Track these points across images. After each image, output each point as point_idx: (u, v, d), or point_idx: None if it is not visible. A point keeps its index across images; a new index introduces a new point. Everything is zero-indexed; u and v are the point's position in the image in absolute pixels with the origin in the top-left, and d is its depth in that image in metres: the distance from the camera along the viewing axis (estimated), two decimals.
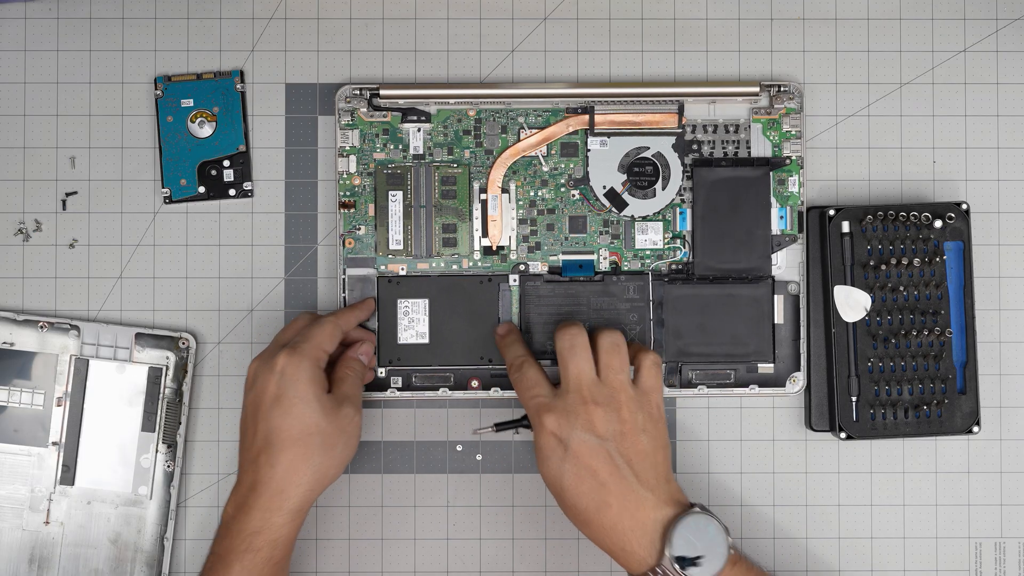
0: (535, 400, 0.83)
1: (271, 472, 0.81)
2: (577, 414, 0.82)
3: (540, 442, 0.83)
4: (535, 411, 0.83)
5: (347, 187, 0.91)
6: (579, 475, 0.81)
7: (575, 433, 0.82)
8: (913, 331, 0.88)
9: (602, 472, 0.81)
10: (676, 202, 0.91)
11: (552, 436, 0.82)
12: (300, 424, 0.82)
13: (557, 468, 0.82)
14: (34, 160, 0.92)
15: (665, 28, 0.93)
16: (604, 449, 0.81)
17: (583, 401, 0.82)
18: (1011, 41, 0.93)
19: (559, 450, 0.82)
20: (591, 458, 0.81)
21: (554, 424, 0.82)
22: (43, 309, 0.91)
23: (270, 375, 0.82)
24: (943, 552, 0.92)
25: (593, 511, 0.81)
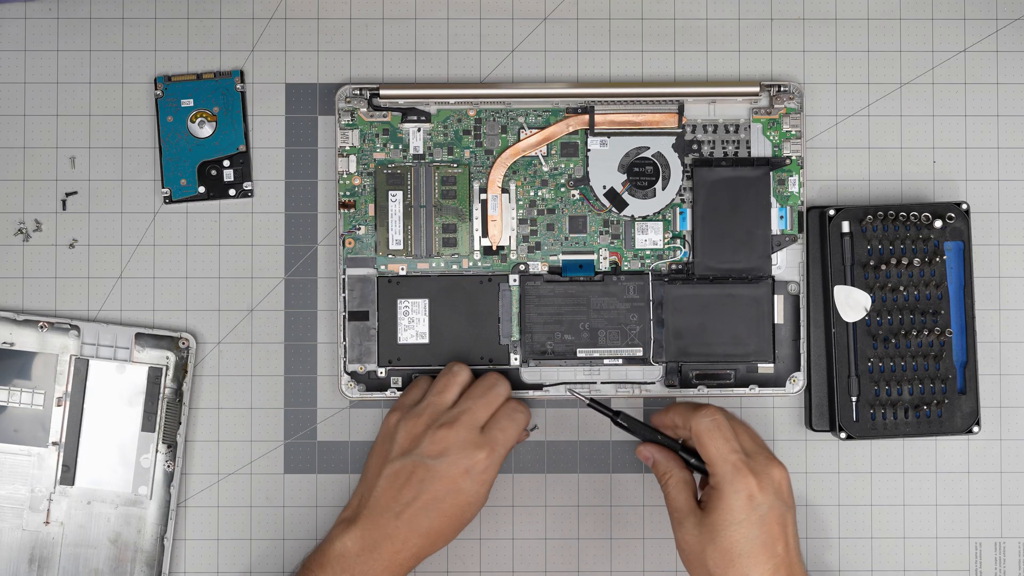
0: (737, 455, 0.81)
1: (417, 539, 0.83)
2: (771, 475, 0.80)
3: (734, 503, 0.79)
4: (736, 469, 0.80)
5: (347, 187, 0.91)
6: (765, 543, 0.79)
7: (770, 496, 0.80)
8: (913, 331, 0.88)
9: (781, 541, 0.80)
10: (676, 202, 0.91)
11: (751, 499, 0.79)
12: (462, 517, 0.84)
13: (745, 534, 0.79)
14: (34, 160, 0.92)
15: (665, 28, 0.93)
16: (789, 516, 0.81)
17: (768, 461, 0.81)
18: (1011, 41, 0.93)
19: (754, 515, 0.79)
20: (777, 525, 0.80)
21: (755, 486, 0.80)
22: (43, 309, 0.91)
23: (463, 463, 0.83)
24: (943, 552, 0.92)
25: (767, 568, 0.79)
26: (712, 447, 0.81)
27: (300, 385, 0.92)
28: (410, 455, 0.84)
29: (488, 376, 0.88)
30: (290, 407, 0.92)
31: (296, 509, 0.92)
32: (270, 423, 0.92)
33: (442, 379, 0.87)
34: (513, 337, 0.91)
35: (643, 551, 0.92)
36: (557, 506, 0.92)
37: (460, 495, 0.83)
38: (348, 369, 0.91)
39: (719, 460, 0.81)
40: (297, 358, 0.92)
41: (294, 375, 0.92)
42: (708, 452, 0.81)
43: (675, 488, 0.83)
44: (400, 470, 0.84)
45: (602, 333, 0.91)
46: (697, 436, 0.82)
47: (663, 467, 0.85)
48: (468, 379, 0.87)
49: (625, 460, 0.92)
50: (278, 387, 0.92)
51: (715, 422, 0.82)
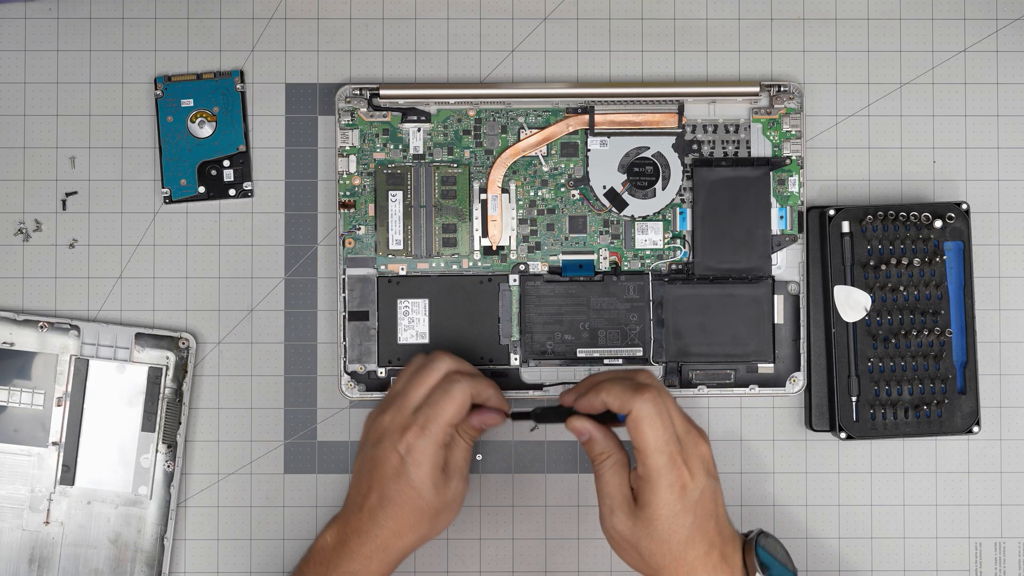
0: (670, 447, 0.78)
1: (378, 530, 0.82)
2: (699, 456, 0.79)
3: (669, 497, 0.78)
4: (670, 462, 0.78)
5: (347, 187, 0.91)
6: (701, 525, 0.79)
7: (701, 479, 0.79)
8: (913, 331, 0.88)
9: (714, 516, 0.80)
10: (676, 202, 0.91)
11: (684, 489, 0.78)
12: (413, 503, 0.82)
13: (684, 524, 0.78)
14: (34, 160, 0.92)
15: (665, 28, 0.93)
16: (718, 490, 0.80)
17: (697, 441, 0.80)
18: (1011, 41, 0.93)
19: (689, 503, 0.78)
20: (710, 503, 0.79)
21: (687, 475, 0.79)
22: (43, 309, 0.91)
23: (394, 448, 0.82)
24: (943, 552, 0.92)
25: (701, 557, 0.79)
26: (651, 436, 0.78)
27: (300, 385, 0.92)
28: (363, 448, 0.84)
29: (429, 354, 0.86)
30: (290, 407, 0.92)
31: (296, 509, 0.92)
32: (270, 423, 0.92)
33: (402, 370, 0.87)
34: (513, 337, 0.91)
35: None
36: (557, 506, 0.92)
37: (401, 481, 0.82)
38: (348, 369, 0.91)
39: (655, 451, 0.78)
40: (297, 358, 0.92)
41: (294, 375, 0.92)
42: (645, 442, 0.78)
43: (611, 471, 0.81)
44: (359, 465, 0.84)
45: (602, 333, 0.91)
46: (636, 421, 0.78)
47: (600, 446, 0.81)
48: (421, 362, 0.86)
49: None
50: (278, 387, 0.92)
51: (657, 408, 0.78)
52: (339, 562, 0.82)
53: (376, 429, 0.83)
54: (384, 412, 0.83)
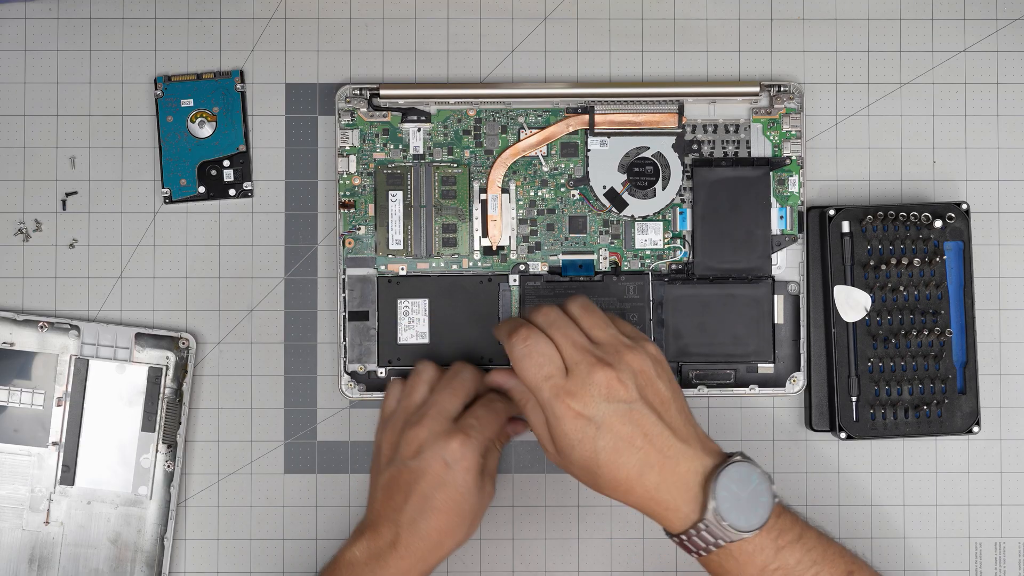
0: (550, 382, 0.78)
1: (420, 541, 0.82)
2: (594, 383, 0.78)
3: (564, 428, 0.77)
4: (552, 395, 0.78)
5: (347, 187, 0.91)
6: (616, 447, 0.77)
7: (600, 405, 0.77)
8: (913, 331, 0.88)
9: (637, 436, 0.77)
10: (676, 202, 0.91)
11: (579, 418, 0.77)
12: (457, 508, 0.82)
13: (591, 449, 0.77)
14: (34, 160, 0.92)
15: (665, 28, 0.93)
16: (634, 411, 0.78)
17: (591, 368, 0.78)
18: (1011, 41, 0.93)
19: (589, 430, 0.77)
20: (624, 425, 0.77)
21: (579, 404, 0.77)
22: (43, 309, 0.92)
23: (437, 457, 0.82)
24: (943, 552, 0.92)
25: (636, 478, 0.77)
26: (527, 375, 0.78)
27: (300, 385, 0.92)
28: (393, 463, 0.84)
29: (454, 366, 0.87)
30: (290, 407, 0.92)
31: (296, 509, 0.92)
32: (270, 423, 0.92)
33: (409, 380, 0.87)
34: None
35: (643, 551, 0.92)
36: (557, 506, 0.92)
37: (447, 488, 0.82)
38: (348, 369, 0.91)
39: (535, 388, 0.78)
40: (297, 358, 0.92)
41: (294, 375, 0.92)
42: (525, 381, 0.79)
43: (531, 412, 0.81)
44: (389, 480, 0.83)
45: None
46: (514, 363, 0.79)
47: (517, 393, 0.82)
48: (435, 374, 0.87)
49: None
50: (278, 387, 0.92)
51: (526, 348, 0.78)
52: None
53: (411, 442, 0.83)
54: (417, 424, 0.83)
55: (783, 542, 0.78)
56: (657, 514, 0.79)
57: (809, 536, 0.79)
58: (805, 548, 0.79)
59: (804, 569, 0.78)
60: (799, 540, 0.79)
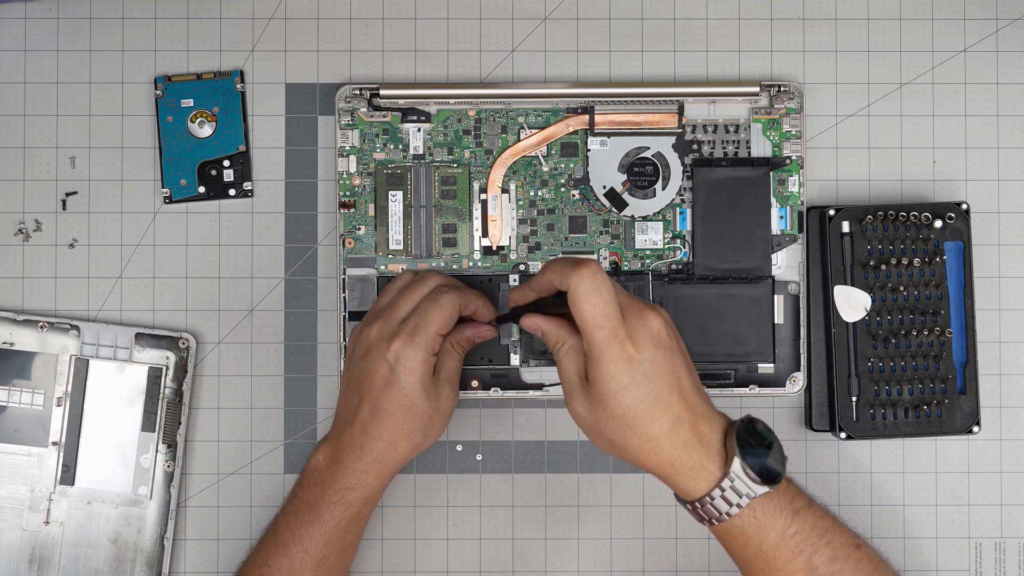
0: (610, 322, 0.75)
1: (373, 442, 0.83)
2: (647, 327, 0.76)
3: (614, 371, 0.75)
4: (611, 335, 0.75)
5: (347, 187, 0.91)
6: (658, 398, 0.76)
7: (651, 350, 0.76)
8: (913, 331, 0.88)
9: (675, 390, 0.76)
10: (676, 202, 0.91)
11: (630, 362, 0.75)
12: (406, 411, 0.82)
13: (634, 397, 0.75)
14: (34, 160, 0.92)
15: (665, 28, 0.93)
16: (675, 360, 0.77)
17: (642, 311, 0.77)
18: (1011, 41, 0.93)
19: (638, 375, 0.75)
20: (668, 375, 0.76)
21: (632, 347, 0.76)
22: (43, 309, 0.92)
23: (382, 358, 0.82)
24: (943, 552, 0.92)
25: (666, 434, 0.76)
26: (588, 312, 0.76)
27: (300, 385, 0.92)
28: (350, 363, 0.85)
29: (419, 273, 0.87)
30: (290, 407, 0.92)
31: None
32: (270, 423, 0.92)
33: (387, 285, 0.87)
34: (513, 337, 0.91)
35: (643, 551, 0.92)
36: (557, 506, 0.92)
37: (393, 390, 0.82)
38: None
39: (594, 327, 0.76)
40: (297, 358, 0.92)
41: (294, 375, 0.92)
42: (584, 317, 0.76)
43: (566, 357, 0.79)
44: (346, 380, 0.85)
45: None
46: (574, 298, 0.76)
47: (554, 336, 0.80)
48: (408, 280, 0.87)
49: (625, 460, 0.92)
50: (278, 387, 0.92)
51: (595, 284, 0.75)
52: (335, 479, 0.83)
53: (363, 342, 0.84)
54: (371, 325, 0.84)
55: (797, 505, 0.78)
56: (681, 475, 0.77)
57: (816, 505, 0.80)
58: (817, 515, 0.79)
59: (818, 537, 0.78)
60: (810, 507, 0.79)
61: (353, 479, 0.83)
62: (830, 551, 0.78)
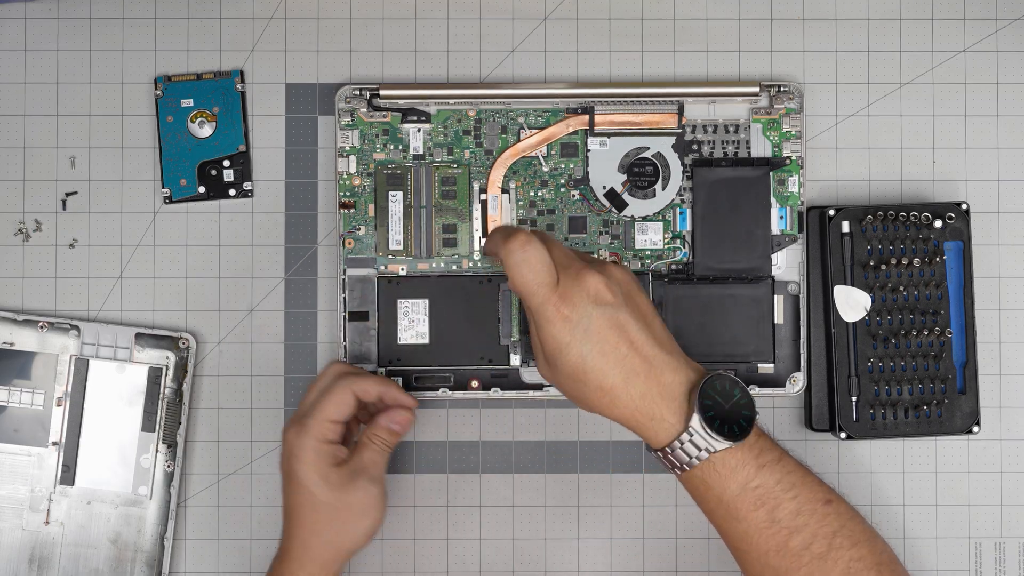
0: (543, 288, 0.77)
1: (290, 544, 0.84)
2: (582, 287, 0.78)
3: (552, 331, 0.77)
4: (544, 299, 0.77)
5: (347, 187, 0.91)
6: (603, 351, 0.77)
7: (588, 308, 0.77)
8: (913, 331, 0.88)
9: (623, 341, 0.77)
10: (676, 202, 0.91)
11: (566, 321, 0.77)
12: (306, 503, 0.83)
13: (578, 354, 0.77)
14: (34, 160, 0.92)
15: (665, 28, 0.93)
16: (620, 315, 0.78)
17: (579, 272, 0.78)
18: (1011, 41, 0.93)
19: (577, 332, 0.77)
20: (611, 329, 0.77)
21: (567, 307, 0.77)
22: (43, 309, 0.92)
23: (282, 452, 0.84)
24: (943, 552, 0.92)
25: (621, 385, 0.77)
26: (520, 282, 0.78)
27: (300, 385, 0.92)
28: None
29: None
30: (290, 407, 0.92)
31: None
32: (270, 423, 0.92)
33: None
34: (513, 337, 0.91)
35: (643, 551, 0.92)
36: (557, 506, 0.92)
37: (294, 482, 0.83)
38: None
39: (528, 295, 0.78)
40: (297, 358, 0.92)
41: (294, 375, 0.92)
42: (517, 288, 0.78)
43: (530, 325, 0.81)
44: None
45: None
46: (507, 270, 0.78)
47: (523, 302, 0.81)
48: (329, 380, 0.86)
49: (625, 460, 0.92)
50: (278, 387, 0.92)
51: (523, 255, 0.77)
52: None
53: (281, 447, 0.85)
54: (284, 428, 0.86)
55: (764, 460, 0.78)
56: (642, 425, 0.78)
57: (788, 461, 0.79)
58: (785, 470, 0.79)
59: (783, 491, 0.78)
60: (779, 462, 0.79)
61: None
62: (795, 505, 0.78)
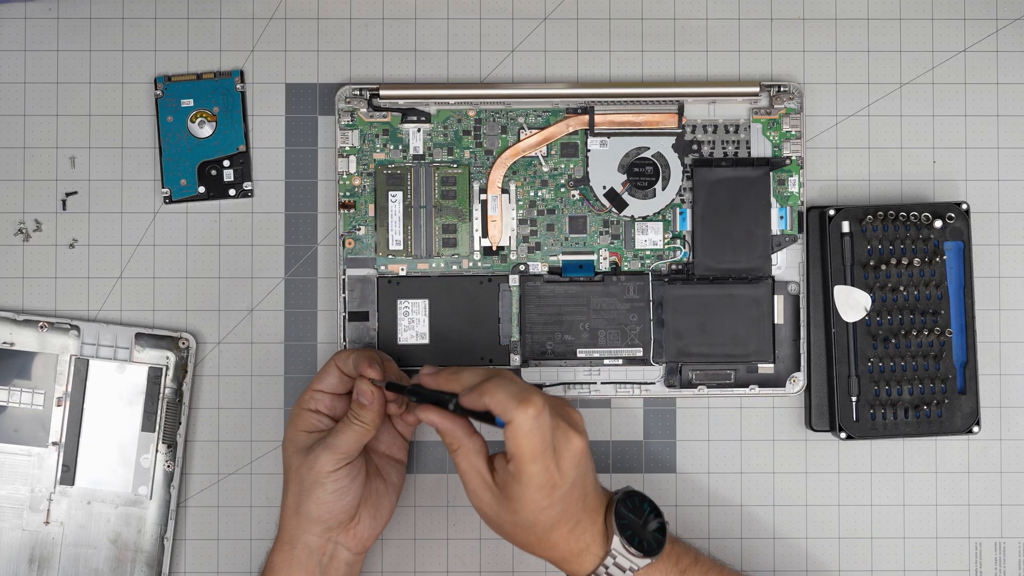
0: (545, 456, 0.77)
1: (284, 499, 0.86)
2: (571, 452, 0.79)
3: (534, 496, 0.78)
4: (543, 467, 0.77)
5: (347, 187, 0.91)
6: (568, 512, 0.79)
7: (572, 472, 0.79)
8: (913, 331, 0.88)
9: (579, 502, 0.80)
10: (676, 202, 0.91)
11: (553, 488, 0.78)
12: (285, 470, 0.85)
13: (549, 515, 0.78)
14: (34, 160, 0.92)
15: (665, 28, 0.93)
16: (588, 477, 0.80)
17: (567, 435, 0.79)
18: (1011, 41, 0.93)
19: (556, 497, 0.78)
20: (579, 488, 0.79)
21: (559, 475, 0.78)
22: (43, 309, 0.92)
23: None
24: (943, 552, 0.92)
25: (564, 535, 0.80)
26: (527, 448, 0.77)
27: (300, 385, 0.92)
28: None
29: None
30: (290, 407, 0.92)
31: None
32: (270, 423, 0.92)
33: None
34: (513, 337, 0.91)
35: None
36: None
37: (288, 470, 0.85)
38: None
39: (530, 462, 0.77)
40: (297, 358, 0.92)
41: (294, 375, 0.92)
42: (521, 451, 0.77)
43: (464, 460, 0.80)
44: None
45: (602, 333, 0.91)
46: (514, 432, 0.77)
47: (450, 437, 0.80)
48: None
49: (625, 460, 0.92)
50: (278, 387, 0.92)
51: (538, 423, 0.77)
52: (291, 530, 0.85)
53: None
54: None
55: (683, 565, 0.82)
56: (568, 562, 0.81)
57: (704, 560, 0.83)
58: (703, 569, 0.83)
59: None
60: (696, 563, 0.83)
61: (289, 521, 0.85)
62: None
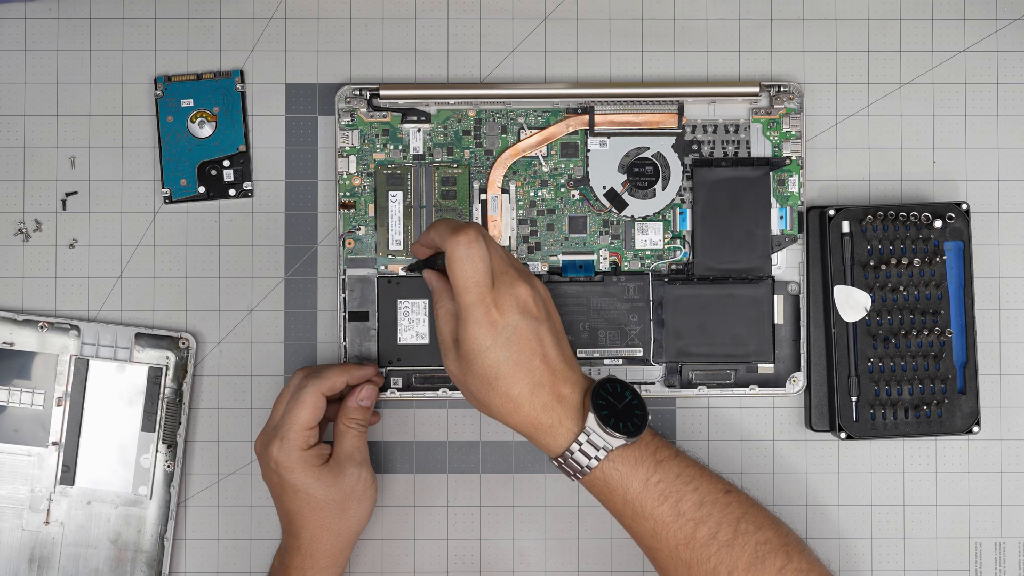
0: (479, 288, 0.80)
1: (298, 542, 0.86)
2: (514, 295, 0.80)
3: (476, 333, 0.80)
4: (477, 299, 0.80)
5: (347, 187, 0.91)
6: (518, 361, 0.80)
7: (515, 317, 0.80)
8: (913, 331, 0.88)
9: (538, 354, 0.80)
10: (676, 202, 0.91)
11: (493, 326, 0.80)
12: (308, 506, 0.85)
13: (494, 359, 0.80)
14: (34, 160, 0.92)
15: (665, 28, 0.93)
16: (541, 329, 0.81)
17: (513, 281, 0.81)
18: (1011, 41, 0.93)
19: (500, 338, 0.80)
20: (531, 341, 0.80)
21: (497, 312, 0.80)
22: (43, 309, 0.92)
23: (268, 468, 0.86)
24: (943, 552, 0.92)
25: (527, 395, 0.80)
26: (460, 276, 0.80)
27: None
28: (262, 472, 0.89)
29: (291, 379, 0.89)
30: None
31: None
32: None
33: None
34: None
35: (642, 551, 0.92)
36: (557, 506, 0.92)
37: (289, 490, 0.85)
38: None
39: (463, 291, 0.80)
40: (297, 358, 0.92)
41: None
42: (455, 281, 0.80)
43: (442, 319, 0.83)
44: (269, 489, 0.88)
45: (602, 333, 0.91)
46: (449, 260, 0.80)
47: (436, 297, 0.84)
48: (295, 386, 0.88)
49: None
50: (278, 387, 0.92)
51: (468, 250, 0.79)
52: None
53: (258, 457, 0.87)
54: (257, 439, 0.87)
55: (661, 456, 0.81)
56: (540, 434, 0.81)
57: (684, 457, 0.83)
58: (683, 464, 0.82)
59: (684, 484, 0.81)
60: (675, 458, 0.82)
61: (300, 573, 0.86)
62: (697, 496, 0.81)
